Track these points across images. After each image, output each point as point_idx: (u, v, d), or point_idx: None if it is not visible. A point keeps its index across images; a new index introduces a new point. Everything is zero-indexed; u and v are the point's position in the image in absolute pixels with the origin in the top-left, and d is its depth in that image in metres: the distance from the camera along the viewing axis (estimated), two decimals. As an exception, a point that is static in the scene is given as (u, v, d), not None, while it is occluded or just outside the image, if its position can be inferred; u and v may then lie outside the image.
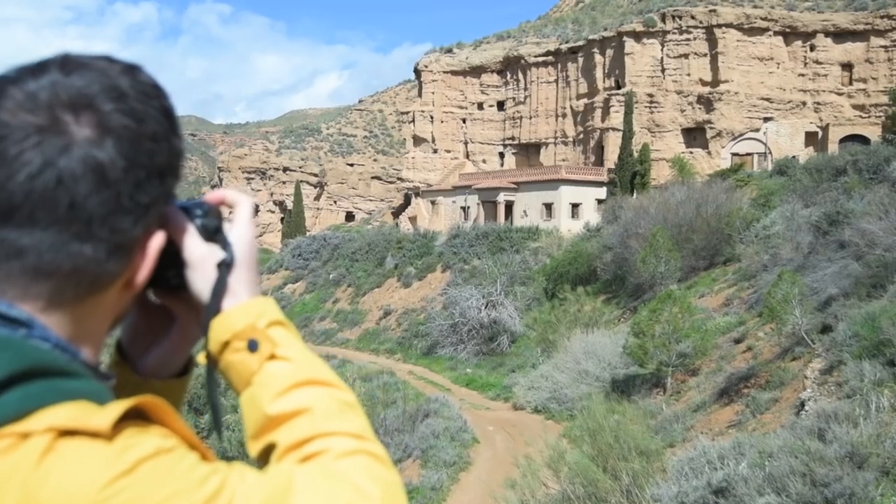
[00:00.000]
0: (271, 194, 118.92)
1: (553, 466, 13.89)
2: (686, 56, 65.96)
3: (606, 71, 70.02)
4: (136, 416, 0.96)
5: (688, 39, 65.88)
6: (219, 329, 1.18)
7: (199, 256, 1.20)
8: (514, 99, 79.35)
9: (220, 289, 1.19)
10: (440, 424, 23.10)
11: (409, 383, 33.94)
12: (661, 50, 66.98)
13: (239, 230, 1.25)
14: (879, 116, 59.58)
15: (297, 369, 1.16)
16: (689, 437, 17.53)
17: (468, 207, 69.27)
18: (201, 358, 1.24)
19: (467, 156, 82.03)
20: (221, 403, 1.24)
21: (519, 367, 34.64)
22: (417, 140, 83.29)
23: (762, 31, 65.06)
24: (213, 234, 1.22)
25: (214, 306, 1.19)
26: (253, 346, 1.16)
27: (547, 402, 27.29)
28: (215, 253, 1.21)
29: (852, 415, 8.36)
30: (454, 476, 19.84)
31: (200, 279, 1.20)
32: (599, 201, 60.87)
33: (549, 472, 14.12)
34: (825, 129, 63.49)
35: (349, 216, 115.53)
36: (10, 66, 1.05)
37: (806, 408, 13.19)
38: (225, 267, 1.20)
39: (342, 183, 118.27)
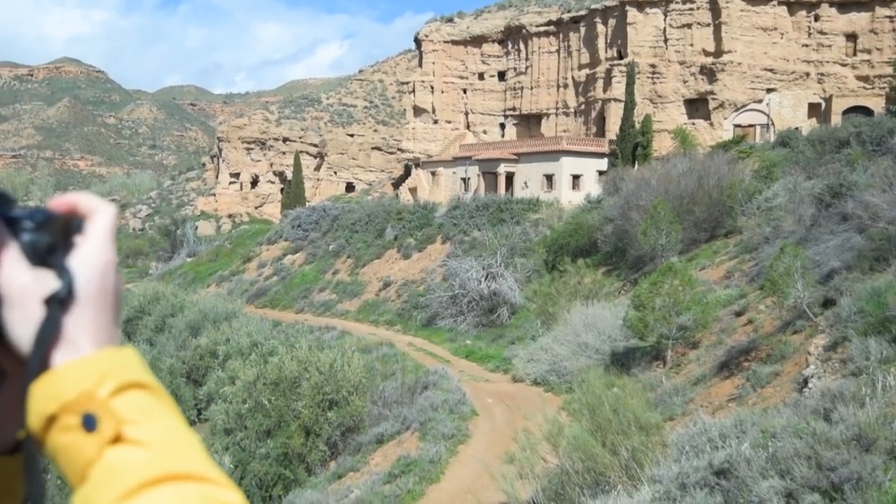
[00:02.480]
0: (271, 165, 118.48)
1: (552, 441, 13.77)
2: (689, 26, 65.28)
3: (609, 41, 69.38)
4: None
5: (691, 9, 65.16)
6: (42, 396, 0.84)
7: (20, 287, 0.86)
8: (515, 69, 78.74)
9: (46, 336, 0.85)
10: (439, 397, 23.02)
11: (408, 355, 33.90)
12: (664, 20, 66.28)
13: (88, 251, 0.91)
14: (883, 88, 59.06)
15: (152, 458, 0.82)
16: (688, 410, 17.44)
17: (468, 178, 68.96)
18: (21, 434, 0.88)
19: (468, 126, 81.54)
20: (49, 500, 0.86)
21: (518, 339, 34.56)
22: (418, 110, 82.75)
23: (766, 0, 64.36)
24: (46, 255, 0.89)
25: (38, 362, 0.85)
26: (89, 424, 0.82)
27: (546, 374, 27.22)
28: (45, 283, 0.88)
29: (858, 394, 8.19)
30: (453, 449, 19.76)
31: (20, 320, 0.86)
32: (600, 173, 60.60)
33: (547, 446, 14.01)
34: (828, 100, 62.98)
35: (349, 187, 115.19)
36: None
37: (809, 385, 13.04)
38: (57, 304, 0.87)
39: (342, 153, 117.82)
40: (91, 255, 0.91)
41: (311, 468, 21.31)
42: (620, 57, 67.58)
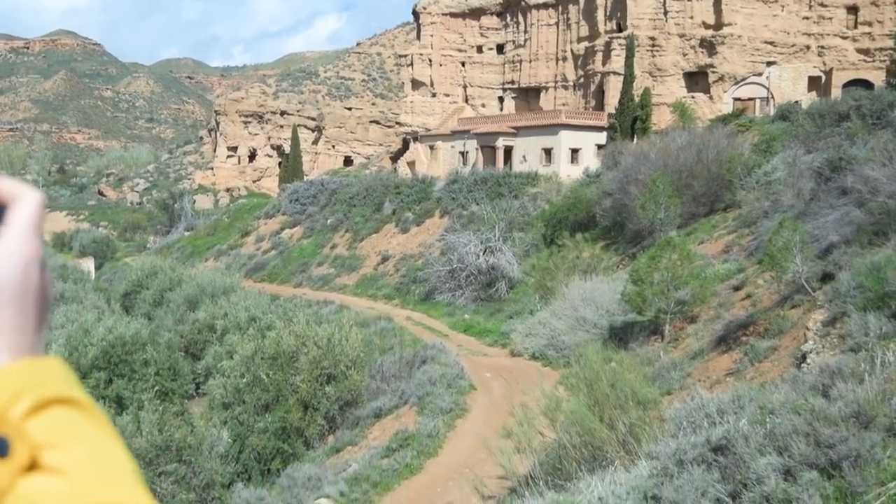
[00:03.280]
0: (269, 138, 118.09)
1: (549, 415, 13.78)
2: (689, -2, 64.80)
3: (608, 13, 68.89)
4: None
5: (691, -19, 64.67)
6: None
7: None
8: (513, 42, 78.26)
9: None
10: (437, 371, 23.02)
11: (406, 329, 33.92)
12: (664, -9, 65.77)
13: (7, 245, 0.80)
14: (884, 61, 58.74)
15: (73, 489, 0.70)
16: (686, 384, 17.45)
17: (467, 152, 68.73)
18: None
19: (466, 100, 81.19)
20: None
21: (517, 313, 34.58)
22: (416, 84, 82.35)
23: (767, -28, 63.87)
24: None
25: None
26: (0, 449, 0.71)
27: (544, 348, 27.25)
28: None
29: (857, 371, 8.15)
30: (451, 423, 19.80)
31: None
32: (599, 146, 60.39)
33: (545, 420, 14.02)
34: (829, 73, 62.66)
35: (347, 161, 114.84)
36: None
37: (808, 360, 13.02)
38: None
39: (340, 127, 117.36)
40: (10, 250, 0.80)
41: (309, 442, 21.36)
42: (620, 30, 67.13)
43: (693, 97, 63.73)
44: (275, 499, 17.33)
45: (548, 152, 61.55)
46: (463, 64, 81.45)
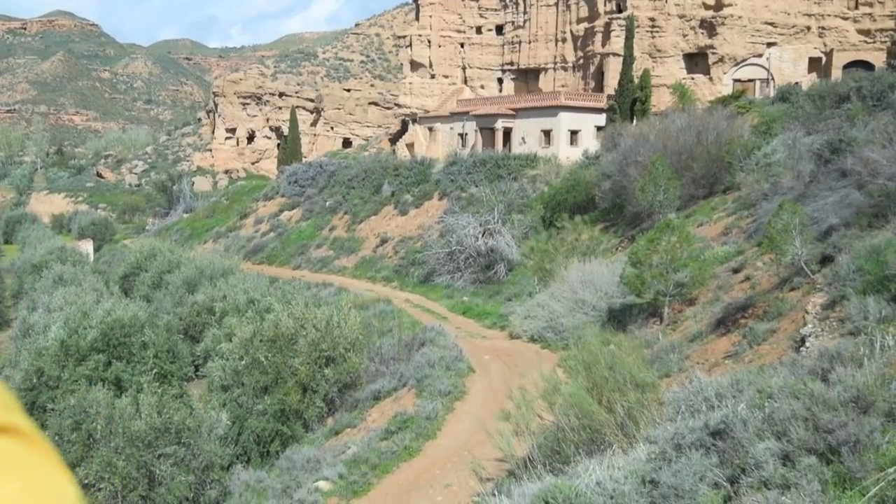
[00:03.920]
0: (267, 120, 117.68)
1: (548, 398, 13.77)
2: (689, -21, 64.38)
3: (608, -6, 68.49)
4: None
5: (691, -39, 64.23)
6: None
7: None
8: (513, 23, 77.86)
9: None
10: (436, 353, 23.04)
11: (405, 311, 33.91)
12: (664, -28, 65.34)
13: None
14: (885, 42, 58.47)
15: None
16: (684, 367, 17.45)
17: (466, 134, 68.51)
18: None
19: (465, 81, 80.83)
20: None
21: (515, 295, 34.57)
22: (415, 65, 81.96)
23: (768, -48, 63.43)
24: None
25: None
26: None
27: (543, 331, 27.27)
28: None
29: (857, 355, 8.12)
30: (449, 406, 19.82)
31: None
32: (599, 128, 60.19)
33: (543, 403, 14.01)
34: (829, 54, 62.37)
35: (346, 142, 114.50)
36: None
37: (807, 344, 13.00)
38: None
39: (339, 109, 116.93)
40: None
41: (308, 425, 21.39)
42: (619, 10, 66.76)
43: (693, 78, 63.44)
44: (273, 481, 17.37)
45: (547, 134, 61.38)
46: (462, 45, 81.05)
